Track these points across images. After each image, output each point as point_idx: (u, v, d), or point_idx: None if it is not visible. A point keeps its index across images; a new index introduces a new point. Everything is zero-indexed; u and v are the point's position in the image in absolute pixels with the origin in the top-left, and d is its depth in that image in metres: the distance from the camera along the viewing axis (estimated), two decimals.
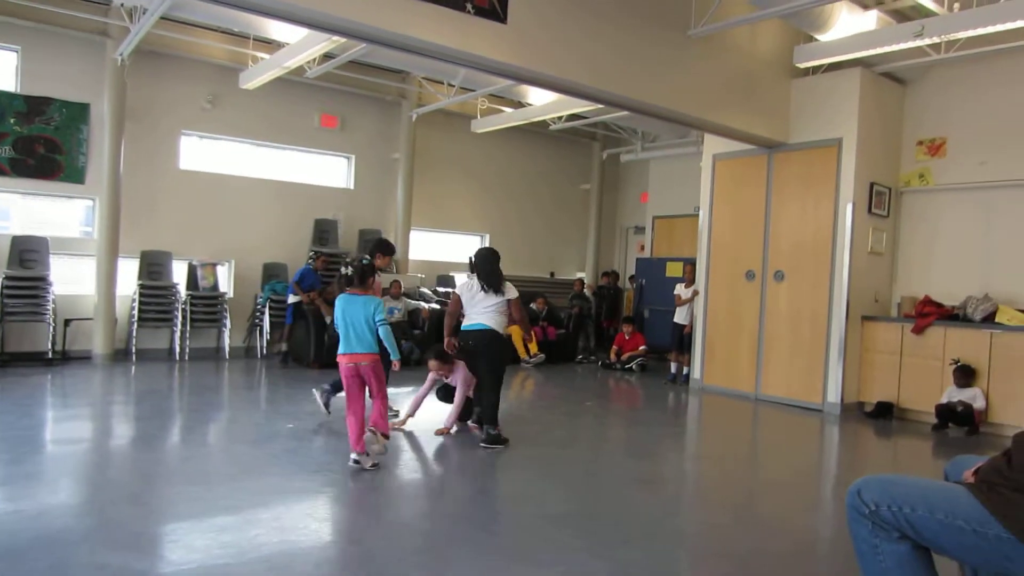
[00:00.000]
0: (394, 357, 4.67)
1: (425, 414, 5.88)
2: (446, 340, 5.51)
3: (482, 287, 5.34)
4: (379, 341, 4.59)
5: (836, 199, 7.37)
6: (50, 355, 8.29)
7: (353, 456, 4.46)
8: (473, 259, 5.55)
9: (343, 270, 4.67)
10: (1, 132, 8.26)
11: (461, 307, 5.44)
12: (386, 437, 4.59)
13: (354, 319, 4.54)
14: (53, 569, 2.80)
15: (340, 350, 4.58)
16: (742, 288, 8.17)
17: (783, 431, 6.69)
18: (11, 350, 8.22)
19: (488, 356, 5.26)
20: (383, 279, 6.19)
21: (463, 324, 5.37)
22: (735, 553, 3.35)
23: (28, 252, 8.32)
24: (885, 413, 7.13)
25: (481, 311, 5.31)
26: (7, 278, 8.05)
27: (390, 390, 5.14)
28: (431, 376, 5.74)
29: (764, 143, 7.78)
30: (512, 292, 5.41)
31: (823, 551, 3.54)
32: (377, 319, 4.54)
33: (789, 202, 7.79)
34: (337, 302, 4.65)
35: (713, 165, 8.54)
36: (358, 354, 4.53)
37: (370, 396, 4.63)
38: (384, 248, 5.89)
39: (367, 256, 5.43)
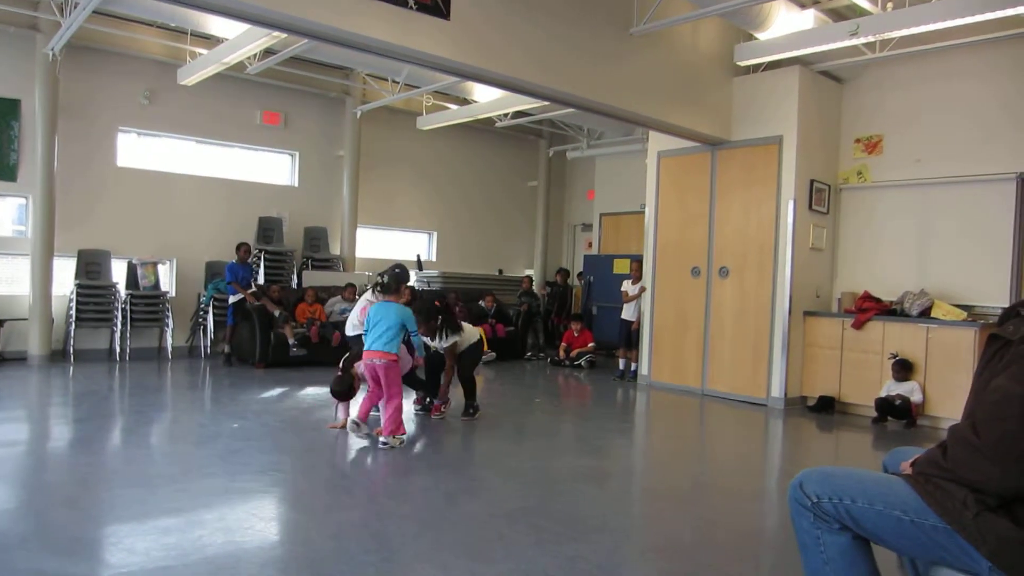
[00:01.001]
0: (419, 354, 5.71)
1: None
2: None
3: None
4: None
5: (778, 196, 7.57)
6: None
7: (352, 419, 5.30)
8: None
9: (380, 278, 5.28)
10: None
11: None
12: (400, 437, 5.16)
13: (384, 322, 5.05)
14: None
15: (365, 347, 5.12)
16: (688, 284, 8.32)
17: (728, 426, 6.85)
18: None
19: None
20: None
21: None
22: (681, 545, 3.43)
23: None
24: (827, 407, 7.33)
25: None
26: None
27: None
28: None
29: (707, 140, 7.94)
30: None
31: (767, 542, 3.64)
32: (411, 329, 5.19)
33: (733, 199, 7.96)
34: (373, 308, 5.17)
35: (658, 162, 8.67)
36: (375, 351, 5.05)
37: (386, 399, 5.11)
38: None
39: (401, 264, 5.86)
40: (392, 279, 5.22)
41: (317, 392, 7.11)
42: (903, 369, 6.82)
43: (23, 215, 8.75)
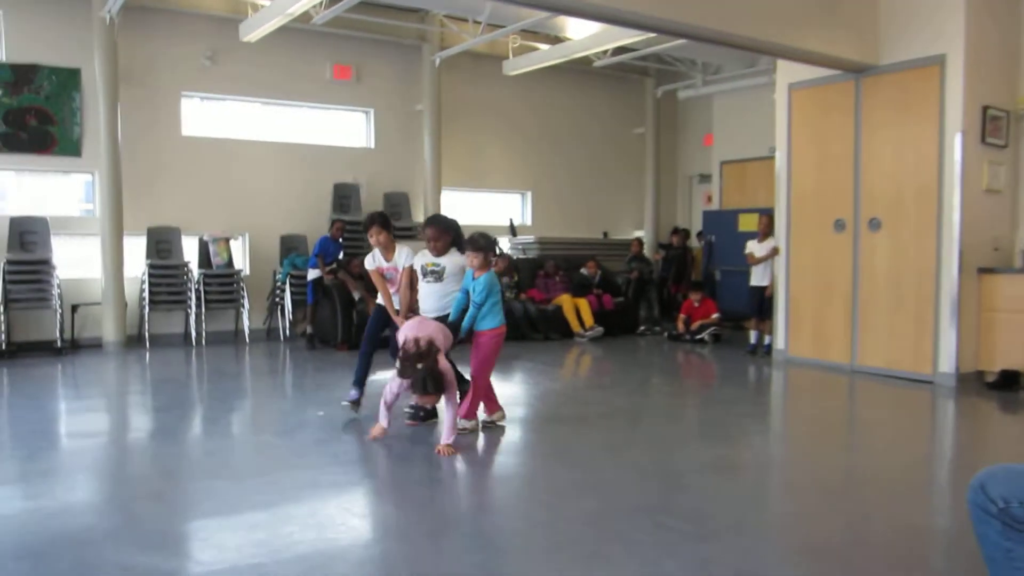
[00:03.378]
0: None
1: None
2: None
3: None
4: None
5: (941, 129, 7.16)
6: (59, 344, 8.65)
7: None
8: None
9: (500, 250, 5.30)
10: None
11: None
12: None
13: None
14: (76, 570, 2.95)
15: (500, 322, 5.14)
16: (831, 241, 8.04)
17: (886, 408, 6.60)
18: (18, 339, 8.65)
19: None
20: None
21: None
22: (832, 547, 3.33)
23: (28, 234, 8.69)
24: (1011, 383, 6.92)
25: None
26: (9, 262, 8.42)
27: None
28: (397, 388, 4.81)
29: (849, 67, 7.59)
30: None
31: (938, 545, 3.49)
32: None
33: (884, 136, 7.60)
34: (494, 278, 5.14)
35: (789, 96, 8.38)
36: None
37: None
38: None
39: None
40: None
41: None
42: None
43: (90, 192, 9.37)
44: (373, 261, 5.60)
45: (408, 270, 5.50)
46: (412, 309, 5.46)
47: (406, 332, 4.76)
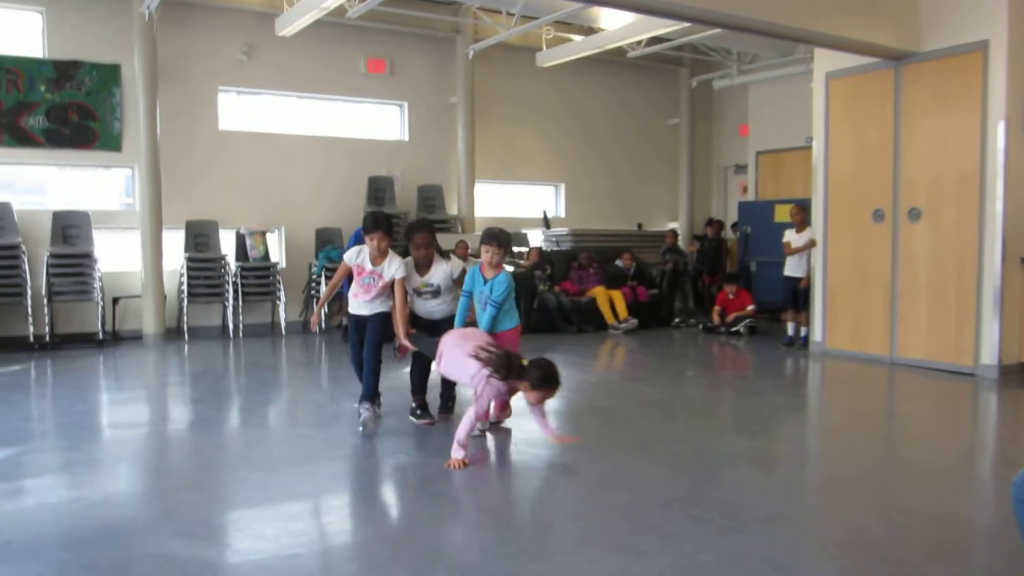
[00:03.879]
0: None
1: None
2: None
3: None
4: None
5: (984, 117, 7.00)
6: (100, 336, 8.84)
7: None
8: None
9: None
10: (33, 101, 8.75)
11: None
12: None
13: None
14: (119, 559, 3.02)
15: (518, 320, 5.19)
16: (869, 231, 7.91)
17: (926, 401, 6.50)
18: (61, 331, 8.83)
19: None
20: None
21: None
22: (869, 540, 3.29)
23: (70, 228, 8.89)
24: None
25: None
26: (52, 256, 8.61)
27: None
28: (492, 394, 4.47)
29: (889, 54, 7.44)
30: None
31: (979, 540, 3.43)
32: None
33: (924, 124, 7.45)
34: (511, 276, 5.05)
35: (826, 86, 8.24)
36: None
37: None
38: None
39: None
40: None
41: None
42: None
43: (130, 187, 9.55)
44: (356, 257, 5.13)
45: (402, 281, 5.15)
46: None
47: (465, 350, 4.38)
